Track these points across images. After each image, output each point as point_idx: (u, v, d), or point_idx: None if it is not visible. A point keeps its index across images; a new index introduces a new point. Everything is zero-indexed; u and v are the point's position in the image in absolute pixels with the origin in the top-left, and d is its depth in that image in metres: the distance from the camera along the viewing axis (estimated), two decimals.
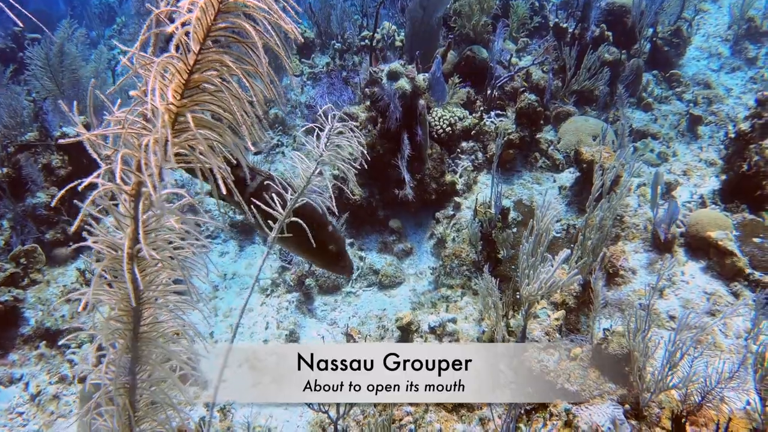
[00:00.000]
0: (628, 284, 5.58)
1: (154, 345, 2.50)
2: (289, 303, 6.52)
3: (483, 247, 5.79)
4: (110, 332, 2.28)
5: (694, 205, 6.47)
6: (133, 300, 2.10)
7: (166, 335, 2.58)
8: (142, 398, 2.69)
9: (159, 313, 2.50)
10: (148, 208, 2.06)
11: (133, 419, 2.55)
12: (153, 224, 2.14)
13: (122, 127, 1.81)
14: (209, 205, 7.78)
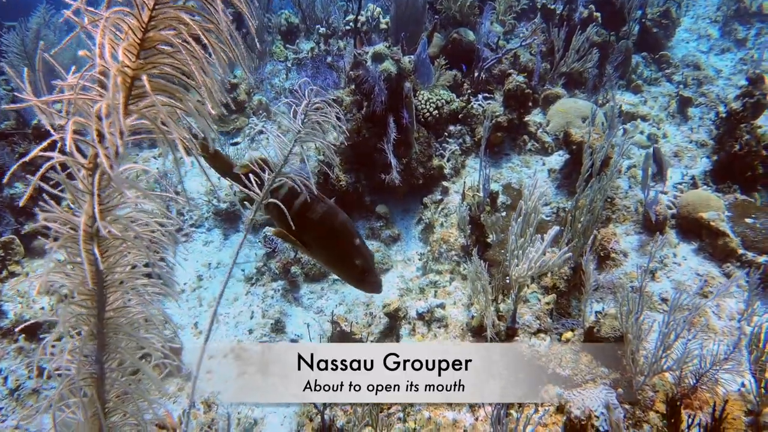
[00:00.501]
0: (620, 267, 5.48)
1: (122, 332, 2.35)
2: (275, 291, 6.38)
3: (471, 231, 5.67)
4: (72, 318, 2.13)
5: (686, 186, 6.37)
6: (90, 281, 1.96)
7: (136, 322, 2.44)
8: (113, 389, 2.55)
9: (128, 298, 2.35)
10: (107, 183, 1.91)
11: (102, 411, 2.41)
12: (114, 200, 1.99)
13: (73, 93, 1.65)
14: (191, 192, 7.60)
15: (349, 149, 6.85)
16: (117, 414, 2.65)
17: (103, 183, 1.90)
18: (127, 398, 2.56)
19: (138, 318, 2.41)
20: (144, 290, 2.36)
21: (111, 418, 2.63)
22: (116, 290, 2.25)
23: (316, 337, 5.75)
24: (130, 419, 2.60)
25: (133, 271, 2.29)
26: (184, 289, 6.70)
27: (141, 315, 2.39)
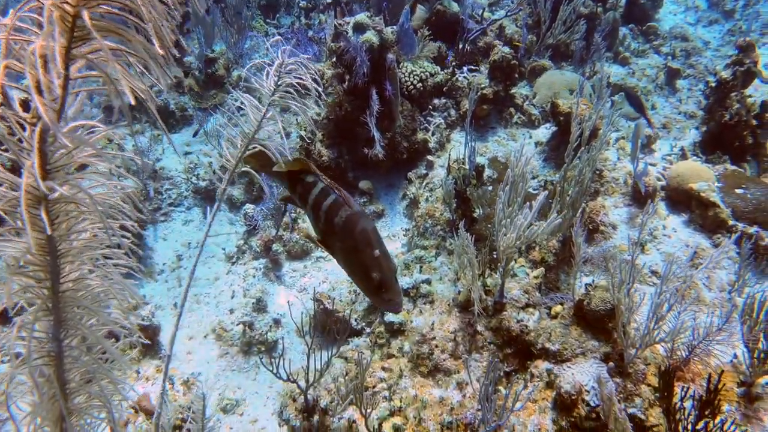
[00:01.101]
0: (609, 240, 5.36)
1: (81, 307, 2.18)
2: (256, 270, 6.21)
3: (457, 205, 5.51)
4: (20, 290, 1.95)
5: (675, 157, 6.26)
6: (37, 248, 1.78)
7: (97, 297, 2.26)
8: (75, 369, 2.37)
9: (86, 269, 2.17)
10: (53, 140, 1.73)
11: (61, 392, 2.24)
12: (63, 160, 1.80)
13: (6, 34, 1.46)
14: (169, 170, 7.38)
15: (330, 124, 6.66)
16: (81, 395, 2.48)
17: (48, 139, 1.71)
18: (91, 378, 2.39)
19: (99, 292, 2.24)
20: (105, 262, 2.19)
21: (74, 399, 2.46)
22: (73, 260, 2.07)
23: (298, 316, 5.60)
24: (95, 401, 2.44)
25: (93, 240, 2.12)
26: (163, 269, 6.51)
27: (102, 289, 2.21)
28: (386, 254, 2.71)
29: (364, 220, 2.76)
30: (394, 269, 2.70)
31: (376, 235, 2.73)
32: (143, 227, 6.70)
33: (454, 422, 3.72)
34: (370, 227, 2.73)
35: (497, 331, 4.30)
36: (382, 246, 2.72)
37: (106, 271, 2.19)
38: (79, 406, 2.48)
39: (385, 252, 2.72)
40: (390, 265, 2.69)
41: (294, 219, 6.33)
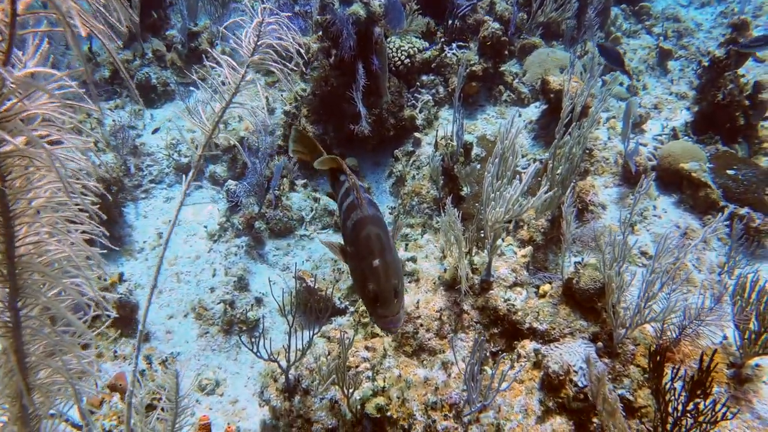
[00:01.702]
0: (599, 220, 5.26)
1: (41, 274, 2.02)
2: (238, 248, 6.06)
3: (445, 183, 5.39)
4: None
5: (666, 138, 6.16)
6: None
7: (59, 263, 2.11)
8: (36, 341, 2.23)
9: (45, 232, 2.01)
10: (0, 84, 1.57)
11: (19, 365, 2.09)
12: (15, 108, 1.64)
13: None
14: (151, 147, 7.18)
15: (316, 99, 6.49)
16: (44, 370, 2.33)
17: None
18: (53, 352, 2.25)
19: (62, 258, 2.09)
20: (67, 226, 2.03)
21: (37, 374, 2.32)
22: (30, 222, 1.92)
23: (281, 295, 5.47)
24: (58, 377, 2.29)
25: (53, 202, 1.96)
26: (143, 247, 6.33)
27: (64, 255, 2.06)
28: (389, 264, 2.45)
29: (371, 225, 2.53)
30: (395, 281, 2.42)
31: (381, 243, 2.48)
32: (123, 203, 6.52)
33: (439, 402, 3.62)
34: (375, 233, 2.50)
35: (484, 311, 4.19)
36: (387, 254, 2.47)
37: (69, 236, 2.04)
38: (42, 382, 2.34)
39: (389, 262, 2.45)
40: (391, 276, 2.42)
41: (278, 196, 6.18)
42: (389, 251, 2.49)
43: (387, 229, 2.60)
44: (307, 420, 4.22)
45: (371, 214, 2.58)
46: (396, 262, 2.51)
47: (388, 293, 2.40)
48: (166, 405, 2.87)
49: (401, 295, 2.47)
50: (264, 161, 6.14)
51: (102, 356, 4.98)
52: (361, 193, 2.65)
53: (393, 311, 2.42)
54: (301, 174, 6.59)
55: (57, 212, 2.00)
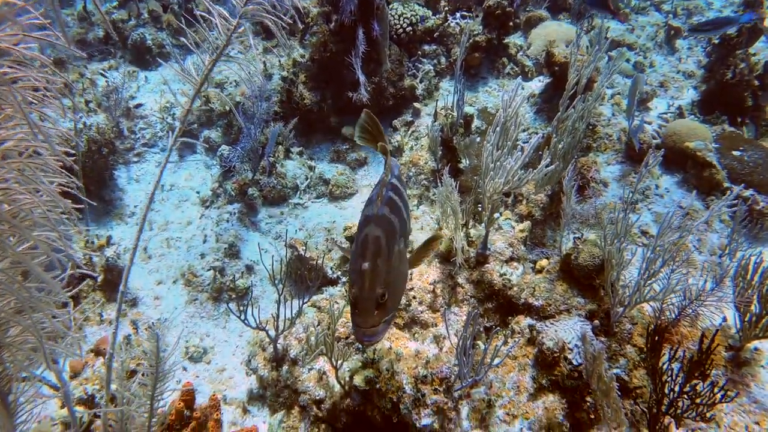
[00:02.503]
0: (600, 197, 5.14)
1: (9, 225, 1.90)
2: (230, 215, 5.93)
3: (443, 154, 5.26)
4: None
5: (671, 116, 6.01)
6: None
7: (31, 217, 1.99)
8: (4, 296, 2.11)
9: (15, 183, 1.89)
10: None
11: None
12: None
13: None
14: (144, 109, 7.01)
15: (314, 65, 6.32)
16: (15, 327, 2.22)
17: None
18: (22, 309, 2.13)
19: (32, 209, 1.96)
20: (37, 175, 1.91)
21: (7, 331, 2.21)
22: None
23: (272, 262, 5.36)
24: (28, 335, 2.18)
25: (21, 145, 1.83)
26: (134, 212, 6.20)
27: (34, 205, 1.93)
28: (378, 271, 2.21)
29: (374, 225, 2.32)
30: (380, 291, 2.18)
31: (378, 246, 2.25)
32: (114, 166, 6.37)
33: (429, 376, 3.52)
34: (374, 235, 2.28)
35: (479, 284, 4.09)
36: (381, 260, 2.23)
37: (42, 186, 1.91)
38: (12, 340, 2.23)
39: (379, 268, 2.21)
40: (376, 284, 2.18)
41: (272, 163, 6.04)
42: (385, 257, 2.25)
43: (396, 233, 2.38)
44: (295, 390, 4.13)
45: (381, 213, 2.37)
46: (392, 272, 2.27)
47: (367, 302, 2.17)
48: (147, 370, 2.76)
49: (388, 308, 2.22)
50: (259, 127, 5.99)
51: (89, 320, 4.88)
52: (384, 191, 2.47)
53: (368, 323, 2.17)
54: (297, 141, 6.45)
55: (28, 160, 1.87)
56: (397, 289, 2.32)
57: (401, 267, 2.38)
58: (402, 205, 2.56)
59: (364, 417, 3.79)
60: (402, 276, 2.40)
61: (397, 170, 2.78)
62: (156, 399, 2.82)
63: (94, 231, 5.73)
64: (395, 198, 2.52)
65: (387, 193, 2.49)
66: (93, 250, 5.13)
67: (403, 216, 2.54)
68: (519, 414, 3.47)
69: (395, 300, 2.30)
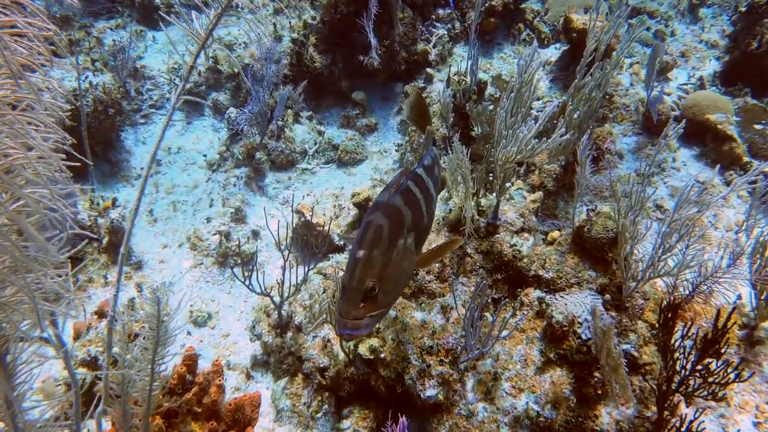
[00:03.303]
0: (615, 169, 5.01)
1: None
2: (238, 179, 5.85)
3: (455, 121, 5.12)
4: None
5: (692, 87, 5.83)
6: None
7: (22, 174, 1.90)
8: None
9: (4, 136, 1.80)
10: None
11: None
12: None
13: None
14: (151, 70, 6.90)
15: (325, 27, 6.16)
16: (10, 287, 2.16)
17: None
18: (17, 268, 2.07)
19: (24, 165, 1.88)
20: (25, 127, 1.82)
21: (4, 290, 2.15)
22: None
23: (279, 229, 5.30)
24: (22, 295, 2.12)
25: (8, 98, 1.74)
26: (141, 174, 6.13)
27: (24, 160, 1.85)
28: (373, 262, 2.08)
29: (381, 213, 2.21)
30: (370, 283, 2.03)
31: (379, 236, 2.13)
32: (121, 128, 6.28)
33: (435, 347, 3.46)
34: (377, 224, 2.16)
35: (488, 255, 3.99)
36: (377, 250, 2.10)
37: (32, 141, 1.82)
38: (7, 300, 2.17)
39: (374, 258, 2.08)
40: (367, 275, 2.04)
41: (281, 127, 5.93)
42: (384, 248, 2.12)
43: (404, 226, 2.23)
44: (299, 358, 4.10)
45: (391, 202, 2.25)
46: (390, 266, 2.12)
47: (354, 292, 2.05)
48: (149, 333, 2.71)
49: (377, 303, 2.08)
50: (268, 90, 5.87)
51: (93, 282, 4.85)
52: (405, 179, 2.35)
53: (351, 314, 2.03)
54: (307, 105, 6.33)
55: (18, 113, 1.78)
56: (393, 286, 2.16)
57: (403, 263, 2.22)
58: (422, 198, 2.39)
59: (368, 386, 3.75)
60: (402, 272, 2.23)
61: (429, 160, 2.61)
62: (157, 363, 2.77)
63: (100, 193, 5.67)
64: (415, 190, 2.36)
65: (406, 182, 2.35)
66: (98, 211, 5.07)
67: (420, 210, 2.37)
68: (525, 387, 3.41)
69: (388, 296, 2.14)
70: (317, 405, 3.93)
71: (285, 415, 3.96)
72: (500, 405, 3.37)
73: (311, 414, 3.91)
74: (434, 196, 2.57)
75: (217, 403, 3.41)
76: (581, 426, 3.39)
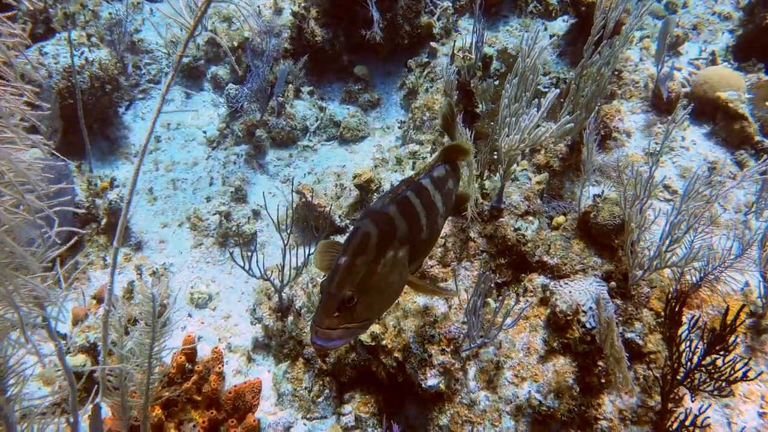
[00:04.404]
0: (622, 147, 4.90)
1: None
2: (238, 156, 5.76)
3: (459, 98, 5.00)
4: None
5: (703, 62, 5.67)
6: None
7: None
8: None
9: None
10: None
11: None
12: None
13: None
14: (150, 44, 6.75)
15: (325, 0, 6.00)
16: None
17: None
18: None
19: None
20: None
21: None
22: None
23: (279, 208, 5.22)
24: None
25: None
26: (139, 150, 6.03)
27: None
28: (355, 270, 1.94)
29: (371, 220, 2.07)
30: (348, 293, 1.89)
31: (365, 244, 2.00)
32: (119, 104, 6.17)
33: (437, 336, 3.42)
34: (364, 231, 2.02)
35: (492, 239, 3.92)
36: (361, 259, 1.96)
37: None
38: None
39: (357, 267, 1.95)
40: (345, 283, 1.91)
41: (281, 103, 5.81)
42: (370, 258, 1.98)
43: (395, 237, 2.09)
44: (299, 342, 4.07)
45: (383, 210, 2.11)
46: (374, 277, 1.98)
47: (329, 299, 1.91)
48: (146, 321, 2.66)
49: (355, 315, 1.93)
50: (268, 65, 5.73)
51: (93, 265, 4.81)
52: (404, 188, 2.22)
53: (324, 323, 1.89)
54: (308, 81, 6.20)
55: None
56: (375, 298, 2.02)
57: (390, 276, 2.06)
58: (423, 212, 2.24)
59: (370, 372, 3.73)
60: (388, 286, 2.08)
61: (441, 171, 2.45)
62: (154, 357, 2.73)
63: (98, 170, 5.59)
64: (415, 201, 2.22)
65: (405, 192, 2.21)
66: (96, 193, 5.01)
67: (419, 223, 2.23)
68: (528, 376, 3.37)
69: (368, 309, 1.99)
70: (318, 389, 3.92)
71: (286, 399, 3.95)
72: (502, 394, 3.35)
73: (312, 398, 3.90)
74: (441, 212, 2.39)
75: (217, 391, 3.39)
76: (584, 415, 3.36)
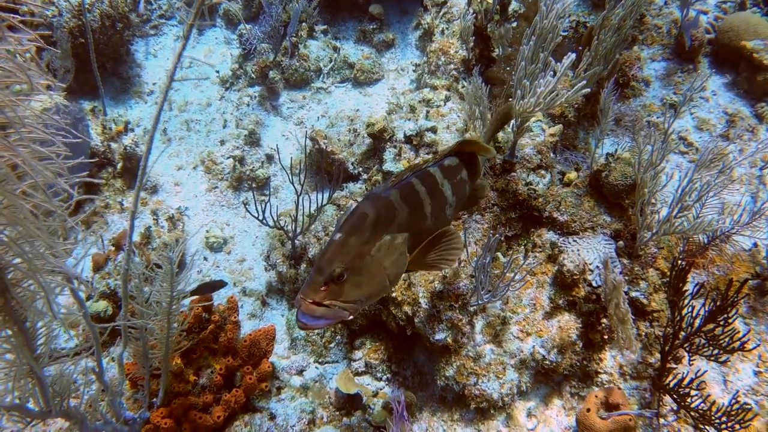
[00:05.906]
0: (639, 97, 4.83)
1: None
2: (251, 98, 5.73)
3: (475, 43, 4.91)
4: None
5: (731, 6, 5.46)
6: None
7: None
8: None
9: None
10: None
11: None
12: None
13: None
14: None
15: None
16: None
17: None
18: None
19: None
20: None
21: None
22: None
23: (292, 152, 5.24)
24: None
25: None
26: (153, 90, 6.02)
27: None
28: (348, 248, 1.96)
29: (371, 203, 2.08)
30: (337, 269, 1.90)
31: (361, 224, 2.01)
32: (130, 41, 6.09)
33: (446, 292, 3.51)
34: (362, 212, 2.04)
35: (503, 193, 3.93)
36: (356, 238, 1.98)
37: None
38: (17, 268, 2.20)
39: (350, 245, 1.96)
40: (336, 259, 1.93)
41: (294, 43, 5.72)
42: (364, 238, 1.99)
43: (395, 222, 2.11)
44: None
45: (384, 195, 2.12)
46: (366, 258, 1.99)
47: (318, 273, 1.92)
48: (162, 288, 2.76)
49: (342, 293, 1.93)
50: (281, 3, 5.61)
51: (110, 208, 4.90)
52: (409, 175, 2.22)
53: (309, 296, 1.91)
54: (322, 19, 6.06)
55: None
56: (365, 280, 2.00)
57: (385, 260, 2.05)
58: (428, 200, 2.24)
59: (380, 322, 3.85)
60: (380, 270, 2.05)
61: (453, 161, 2.43)
62: (172, 315, 2.85)
63: (112, 109, 5.61)
64: (419, 188, 2.22)
65: (409, 178, 2.21)
66: (111, 137, 5.04)
67: (422, 212, 2.23)
68: (533, 331, 3.47)
69: (356, 290, 1.97)
70: (330, 335, 4.07)
71: (299, 343, 4.10)
72: (507, 348, 3.46)
73: (324, 344, 4.05)
74: (450, 201, 2.38)
75: (233, 340, 3.53)
76: (585, 369, 3.48)
